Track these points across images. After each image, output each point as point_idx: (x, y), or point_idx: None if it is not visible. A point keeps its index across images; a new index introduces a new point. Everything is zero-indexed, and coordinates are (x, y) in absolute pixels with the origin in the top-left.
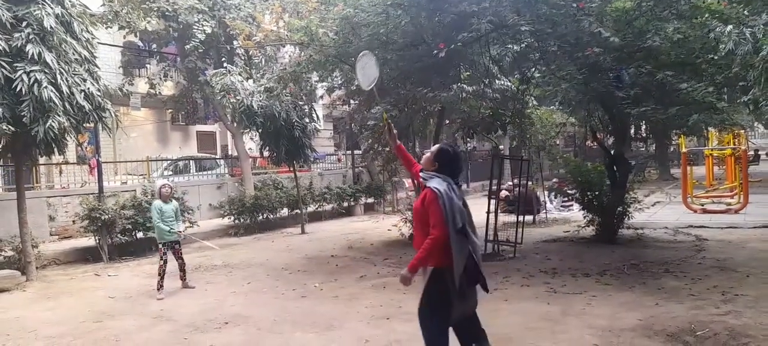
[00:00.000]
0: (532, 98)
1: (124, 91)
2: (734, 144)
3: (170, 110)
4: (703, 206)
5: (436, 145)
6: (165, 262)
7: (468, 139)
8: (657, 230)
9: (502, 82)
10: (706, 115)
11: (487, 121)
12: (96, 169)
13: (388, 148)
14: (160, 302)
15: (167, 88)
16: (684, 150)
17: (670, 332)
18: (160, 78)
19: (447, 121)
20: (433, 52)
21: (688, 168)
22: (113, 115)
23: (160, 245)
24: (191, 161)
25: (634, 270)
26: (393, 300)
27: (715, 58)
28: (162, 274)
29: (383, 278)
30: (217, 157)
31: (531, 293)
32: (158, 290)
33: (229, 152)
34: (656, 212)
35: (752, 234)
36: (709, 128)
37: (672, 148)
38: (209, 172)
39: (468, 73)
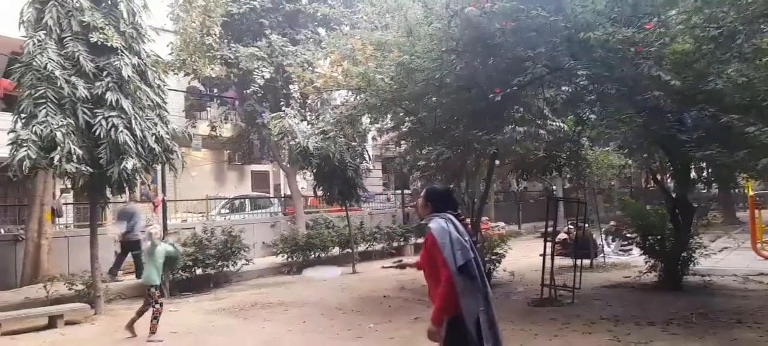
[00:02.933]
0: (587, 140)
1: (188, 133)
2: None
3: (228, 151)
4: None
5: (424, 188)
6: (161, 304)
7: (521, 180)
8: (725, 278)
9: (556, 124)
10: None
11: (542, 162)
12: (160, 208)
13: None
14: (221, 338)
15: (226, 130)
16: (751, 193)
17: None
18: (221, 120)
19: (498, 163)
20: (488, 96)
21: (756, 212)
22: (180, 156)
23: (153, 289)
24: (247, 200)
25: (703, 320)
26: None
27: None
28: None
29: None
30: (271, 196)
31: (594, 342)
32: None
33: (283, 191)
34: (723, 257)
35: None
36: None
37: (737, 191)
38: (263, 210)
39: (520, 114)
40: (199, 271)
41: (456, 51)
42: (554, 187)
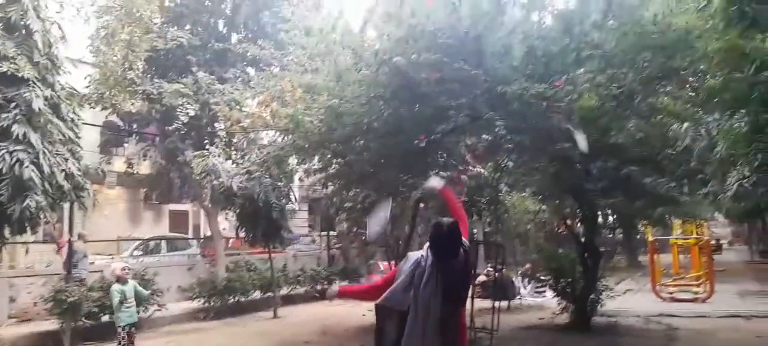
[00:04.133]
0: (505, 186)
1: (102, 170)
2: (697, 233)
3: (145, 189)
4: (671, 294)
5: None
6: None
7: None
8: (629, 318)
9: (476, 170)
10: (669, 207)
11: (463, 206)
12: (64, 249)
13: (364, 231)
14: None
15: (145, 167)
16: (651, 239)
17: None
18: (139, 157)
19: (422, 206)
20: (413, 141)
21: (656, 256)
22: (91, 194)
23: (119, 329)
24: (162, 241)
25: None
26: None
27: (674, 153)
28: None
29: None
30: (189, 237)
31: None
32: None
33: (203, 232)
34: (627, 299)
35: (721, 323)
36: (673, 218)
37: (638, 236)
38: (181, 252)
39: (444, 159)
40: (105, 318)
41: (384, 97)
42: (475, 230)
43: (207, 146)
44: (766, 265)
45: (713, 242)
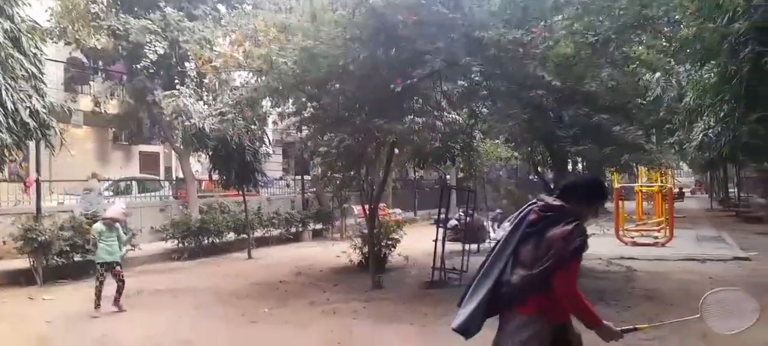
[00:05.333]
0: (479, 132)
1: (68, 108)
2: (661, 181)
3: (113, 129)
4: (633, 239)
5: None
6: (101, 283)
7: (418, 168)
8: (592, 261)
9: (451, 116)
10: (635, 155)
11: (437, 152)
12: (32, 188)
13: (340, 175)
14: (103, 327)
15: (112, 107)
16: (617, 186)
17: None
18: (106, 96)
19: (396, 151)
20: (389, 85)
21: (620, 203)
22: (58, 132)
23: (98, 265)
24: (133, 182)
25: None
26: (343, 325)
27: (644, 103)
28: (98, 294)
29: (333, 304)
30: (161, 179)
31: None
32: (96, 308)
33: (174, 174)
34: (591, 242)
35: (677, 266)
36: (639, 166)
37: (606, 184)
38: (152, 193)
39: (419, 105)
40: (77, 257)
41: (360, 39)
42: (448, 176)
43: (177, 86)
44: (723, 212)
45: (676, 190)
